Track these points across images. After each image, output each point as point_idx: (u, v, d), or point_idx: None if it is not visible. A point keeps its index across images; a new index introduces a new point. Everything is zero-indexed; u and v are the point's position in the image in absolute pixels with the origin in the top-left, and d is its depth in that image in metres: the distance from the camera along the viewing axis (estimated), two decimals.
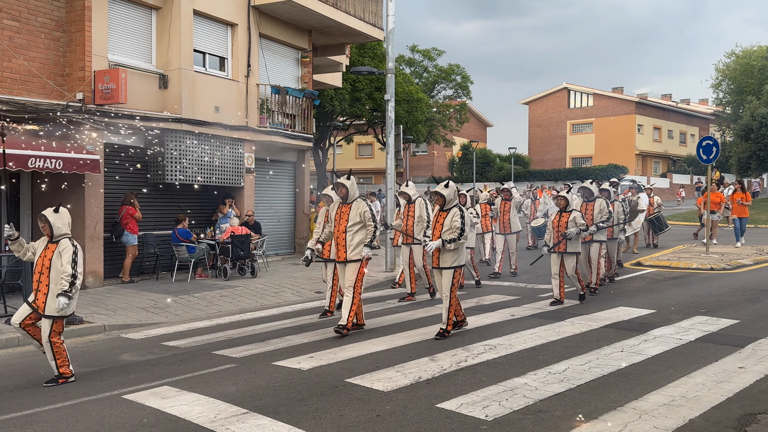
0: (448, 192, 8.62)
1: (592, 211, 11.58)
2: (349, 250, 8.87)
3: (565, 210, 10.68)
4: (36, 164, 11.11)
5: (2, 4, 12.01)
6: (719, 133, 51.71)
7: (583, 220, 10.57)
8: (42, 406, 6.05)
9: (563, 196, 10.79)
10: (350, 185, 9.03)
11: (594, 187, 12.14)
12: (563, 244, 10.48)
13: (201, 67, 15.51)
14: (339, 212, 9.02)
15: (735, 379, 6.34)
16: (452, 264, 8.43)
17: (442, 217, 8.57)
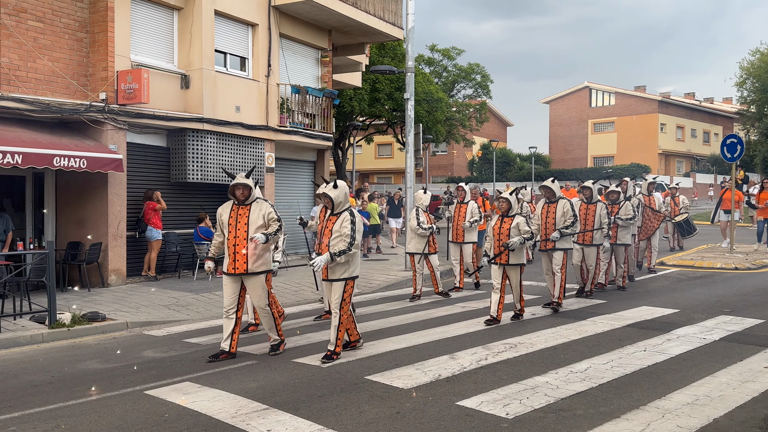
0: (336, 194, 7.31)
1: (592, 215, 10.86)
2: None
3: (508, 215, 9.19)
4: (60, 163, 11.26)
5: (26, 6, 12.20)
6: (743, 131, 50.99)
7: (528, 227, 9.06)
8: (65, 401, 6.12)
9: (505, 198, 9.16)
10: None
11: (595, 186, 11.32)
12: (505, 254, 9.07)
13: (222, 67, 15.61)
14: None
15: (760, 379, 6.25)
16: (342, 275, 7.22)
17: (331, 222, 7.32)
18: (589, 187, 11.14)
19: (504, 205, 9.15)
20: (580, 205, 11.00)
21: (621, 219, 11.61)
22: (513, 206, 9.16)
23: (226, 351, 7.55)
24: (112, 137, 13.03)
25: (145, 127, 13.97)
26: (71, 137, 12.47)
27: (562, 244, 10.10)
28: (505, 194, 9.24)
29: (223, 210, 7.67)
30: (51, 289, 9.33)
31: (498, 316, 9.13)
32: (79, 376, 7.10)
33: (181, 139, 14.58)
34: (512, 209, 9.17)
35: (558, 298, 10.03)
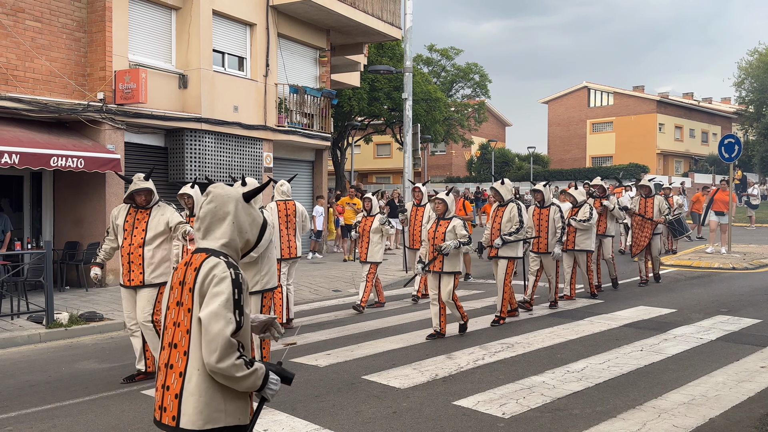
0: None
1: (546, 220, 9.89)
2: None
3: (444, 217, 8.36)
4: (58, 163, 11.25)
5: (24, 5, 12.19)
6: (742, 131, 51.06)
7: (465, 231, 8.23)
8: (62, 401, 6.12)
9: (441, 199, 8.35)
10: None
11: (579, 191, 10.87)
12: (439, 261, 8.20)
13: (220, 66, 15.61)
14: None
15: (757, 379, 6.26)
16: (252, 288, 6.19)
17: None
18: (540, 191, 10.02)
19: (440, 206, 8.33)
20: (533, 209, 10.09)
21: (575, 220, 10.55)
22: (450, 208, 8.33)
23: (143, 372, 6.74)
24: (110, 137, 13.03)
25: (143, 127, 13.96)
26: (69, 137, 12.46)
27: (506, 252, 9.06)
28: (441, 195, 8.45)
29: (119, 213, 6.84)
30: (48, 289, 9.33)
31: (442, 330, 8.32)
32: (76, 375, 7.10)
33: (179, 138, 14.58)
34: (449, 211, 8.34)
35: (501, 312, 9.10)
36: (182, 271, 2.83)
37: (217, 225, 2.86)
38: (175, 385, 2.73)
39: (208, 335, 2.62)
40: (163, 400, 2.77)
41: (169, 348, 2.79)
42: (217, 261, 2.75)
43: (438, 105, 30.29)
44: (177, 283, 2.83)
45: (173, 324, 2.80)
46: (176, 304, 2.81)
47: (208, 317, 2.64)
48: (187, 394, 2.70)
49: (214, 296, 2.67)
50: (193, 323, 2.73)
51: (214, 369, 2.63)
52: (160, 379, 2.81)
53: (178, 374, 2.73)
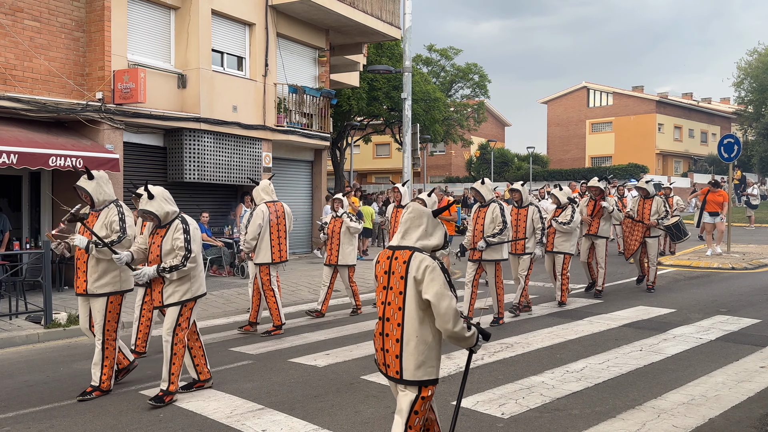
0: (151, 202, 6.00)
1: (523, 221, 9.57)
2: None
3: None
4: (56, 163, 11.23)
5: (23, 5, 12.17)
6: (741, 132, 51.07)
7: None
8: (60, 401, 6.10)
9: (421, 199, 8.20)
10: None
11: (561, 193, 10.61)
12: None
13: (219, 66, 15.60)
14: None
15: (756, 379, 6.25)
16: (180, 298, 5.99)
17: (159, 236, 6.00)
18: (518, 190, 9.68)
19: None
20: (511, 209, 9.78)
21: (556, 221, 10.29)
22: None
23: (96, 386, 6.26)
24: (109, 137, 13.01)
25: (141, 127, 13.95)
26: (68, 137, 12.45)
27: (491, 255, 8.82)
28: (422, 195, 8.06)
29: None
30: (47, 289, 9.31)
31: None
32: (74, 376, 7.09)
33: (177, 138, 14.56)
34: None
35: (499, 313, 9.04)
36: (386, 263, 3.73)
37: (414, 230, 3.77)
38: (393, 349, 3.64)
39: (440, 310, 3.51)
40: (385, 359, 3.70)
41: (382, 321, 3.70)
42: (423, 256, 3.64)
43: (437, 105, 30.27)
44: (382, 272, 3.75)
45: (382, 303, 3.71)
46: (383, 288, 3.71)
47: (436, 297, 3.50)
48: (406, 354, 3.59)
49: (432, 281, 3.52)
50: (406, 302, 3.60)
51: (451, 334, 3.54)
52: (378, 343, 3.74)
53: (395, 340, 3.63)
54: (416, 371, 3.59)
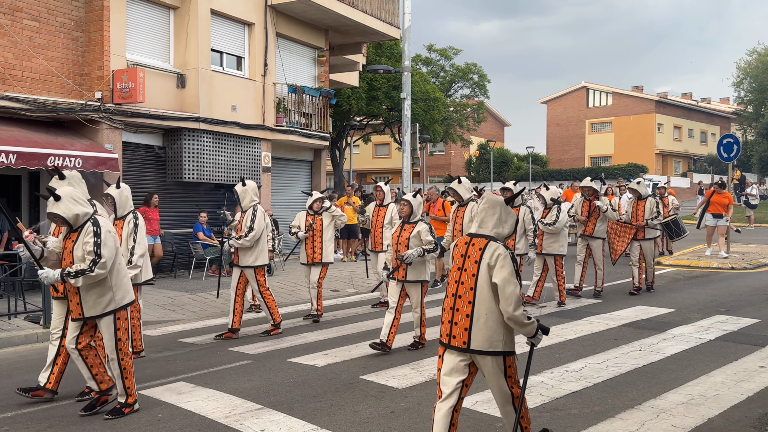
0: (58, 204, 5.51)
1: None
2: None
3: (409, 221, 7.69)
4: (55, 162, 11.22)
5: (22, 5, 12.16)
6: (741, 131, 51.10)
7: (431, 236, 7.53)
8: (59, 401, 6.09)
9: (406, 200, 7.68)
10: None
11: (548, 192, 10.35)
12: (403, 269, 7.56)
13: (218, 66, 15.59)
14: None
15: (755, 378, 6.25)
16: (104, 310, 5.56)
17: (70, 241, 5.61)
18: (510, 189, 9.67)
19: (405, 209, 7.64)
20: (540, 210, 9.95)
21: (542, 223, 10.09)
22: (415, 211, 7.67)
23: (42, 387, 6.07)
24: (108, 136, 13.00)
25: (141, 127, 13.94)
26: (67, 136, 12.44)
27: None
28: (407, 196, 7.75)
29: None
30: (46, 288, 9.29)
31: (389, 342, 7.52)
32: (73, 376, 7.06)
33: (177, 138, 14.55)
34: (414, 214, 7.67)
35: None
36: (464, 247, 4.21)
37: (490, 219, 4.21)
38: (463, 322, 4.09)
39: (506, 294, 3.96)
40: (452, 331, 4.13)
41: (454, 297, 4.17)
42: (497, 245, 4.11)
43: (437, 105, 30.27)
44: (459, 255, 4.22)
45: (456, 282, 4.18)
46: (457, 269, 4.19)
47: (503, 282, 3.97)
48: (476, 329, 4.04)
49: (502, 268, 4.00)
50: (478, 284, 4.07)
51: (510, 316, 3.96)
52: (447, 317, 4.18)
53: (465, 315, 4.09)
54: (483, 342, 4.03)
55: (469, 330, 4.06)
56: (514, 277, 4.00)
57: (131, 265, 7.17)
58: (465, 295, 4.11)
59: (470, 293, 4.09)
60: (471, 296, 4.09)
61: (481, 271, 4.07)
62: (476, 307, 4.06)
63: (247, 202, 8.84)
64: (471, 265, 4.12)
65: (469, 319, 4.07)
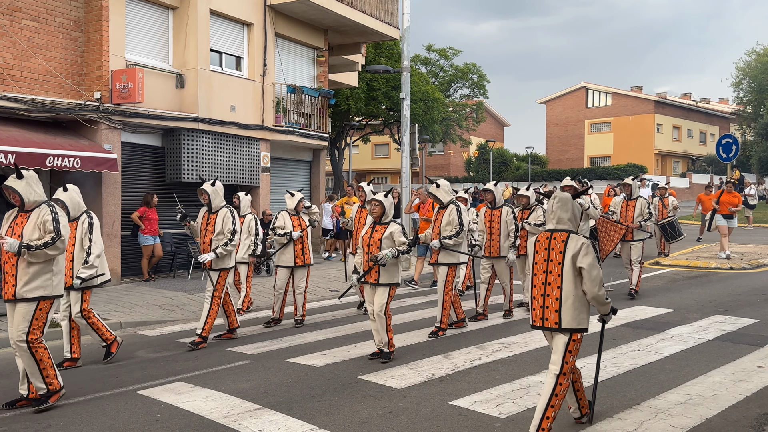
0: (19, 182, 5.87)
1: (497, 222, 9.27)
2: None
3: (381, 221, 7.33)
4: (54, 163, 11.22)
5: (21, 5, 12.16)
6: (740, 132, 51.12)
7: (404, 237, 7.22)
8: (57, 401, 6.09)
9: (378, 200, 7.32)
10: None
11: (531, 192, 10.10)
12: (375, 271, 7.20)
13: (217, 66, 15.59)
14: None
15: (754, 378, 6.25)
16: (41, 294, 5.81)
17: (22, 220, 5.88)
18: (491, 190, 9.40)
19: (376, 209, 7.29)
20: (485, 211, 9.49)
21: (530, 224, 9.72)
22: (387, 211, 7.32)
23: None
24: (107, 137, 13.00)
25: (140, 127, 13.93)
26: (65, 137, 12.43)
27: (446, 258, 8.42)
28: (378, 195, 7.39)
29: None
30: None
31: (378, 351, 7.32)
32: (71, 375, 7.07)
33: (176, 138, 14.55)
34: (386, 215, 7.32)
35: (441, 323, 8.49)
36: (546, 242, 4.85)
37: (564, 215, 4.85)
38: (553, 306, 4.75)
39: (591, 276, 4.65)
40: (544, 313, 4.79)
41: (543, 285, 4.81)
42: (578, 236, 4.78)
43: (436, 105, 30.28)
44: (542, 248, 4.85)
45: (544, 272, 4.82)
46: (543, 260, 4.83)
47: (589, 267, 4.65)
48: (564, 309, 4.71)
49: (586, 255, 4.67)
50: (564, 271, 4.71)
51: (594, 295, 4.67)
52: (538, 303, 4.83)
53: (555, 299, 4.74)
54: (571, 321, 4.69)
55: (559, 311, 4.73)
56: (597, 262, 4.68)
57: (87, 264, 7.02)
58: (554, 282, 4.77)
59: (558, 279, 4.74)
60: (559, 282, 4.73)
61: (566, 260, 4.71)
62: (564, 291, 4.71)
63: (218, 203, 8.42)
64: (556, 255, 4.77)
65: (558, 302, 4.73)
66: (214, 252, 8.14)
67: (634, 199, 11.14)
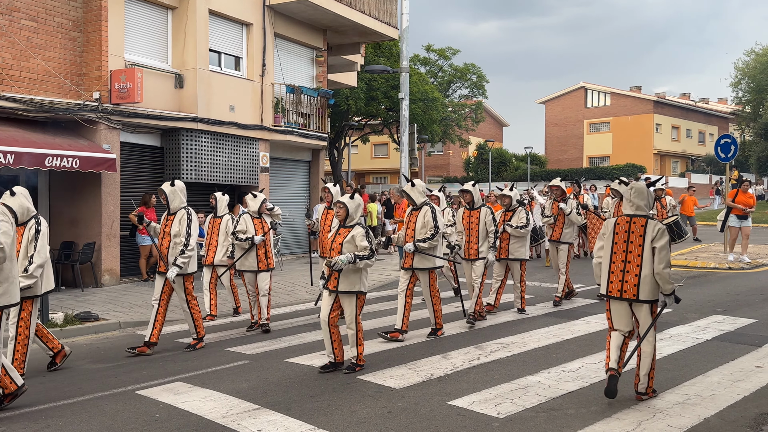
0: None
1: (476, 223, 8.96)
2: None
3: (345, 225, 6.85)
4: (53, 163, 11.22)
5: (20, 5, 12.16)
6: (739, 132, 51.12)
7: (367, 242, 6.64)
8: (56, 401, 6.10)
9: (342, 202, 6.87)
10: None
11: (513, 193, 9.83)
12: (335, 277, 6.70)
13: (216, 66, 15.59)
14: None
15: (752, 378, 6.26)
16: None
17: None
18: (469, 191, 9.02)
19: (341, 211, 6.81)
20: (463, 212, 9.17)
21: (511, 226, 9.53)
22: (351, 213, 6.82)
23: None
24: (106, 137, 13.00)
25: (138, 127, 13.94)
26: (64, 137, 12.44)
27: (423, 263, 8.11)
28: (344, 198, 6.90)
29: None
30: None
31: (338, 359, 6.87)
32: (70, 375, 7.08)
33: (175, 138, 14.55)
34: (350, 217, 6.83)
35: (436, 324, 8.39)
36: (626, 225, 5.68)
37: (641, 202, 5.68)
38: (632, 281, 5.62)
39: (661, 256, 5.53)
40: (623, 286, 5.65)
41: (623, 263, 5.66)
42: (655, 222, 5.65)
43: (435, 105, 30.27)
44: (623, 231, 5.69)
45: (623, 251, 5.67)
46: (623, 241, 5.68)
47: (661, 248, 5.54)
48: (643, 284, 5.57)
49: (662, 238, 5.56)
50: (644, 251, 5.58)
51: (661, 272, 5.53)
52: (618, 277, 5.68)
53: (634, 275, 5.61)
54: (649, 294, 5.58)
55: (638, 285, 5.58)
56: (669, 244, 5.56)
57: (27, 274, 6.48)
58: (633, 261, 5.61)
59: (638, 259, 5.58)
60: (639, 261, 5.58)
61: (645, 242, 5.56)
62: (643, 268, 5.55)
63: (177, 204, 8.03)
64: (636, 238, 5.62)
65: (637, 278, 5.58)
66: (177, 266, 7.78)
67: None
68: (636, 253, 5.58)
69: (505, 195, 9.80)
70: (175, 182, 8.19)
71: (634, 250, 5.59)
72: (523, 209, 9.74)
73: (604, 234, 5.84)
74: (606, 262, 5.74)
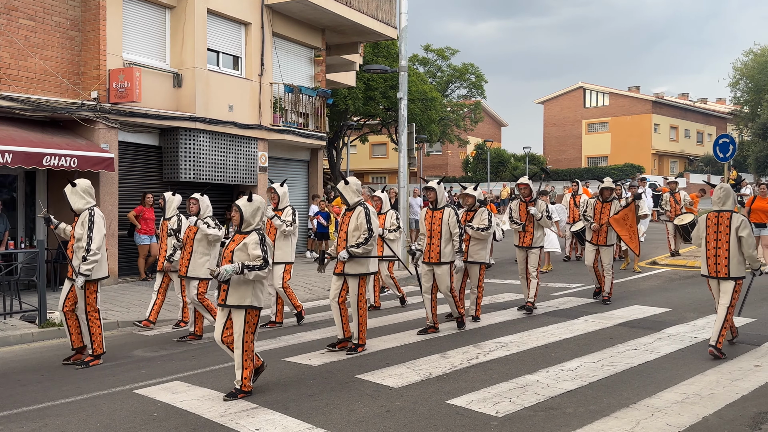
0: None
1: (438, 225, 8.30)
2: None
3: (241, 231, 6.17)
4: (51, 162, 11.20)
5: (18, 4, 12.14)
6: (737, 132, 51.19)
7: (260, 251, 5.90)
8: (54, 400, 6.09)
9: (238, 205, 6.15)
10: None
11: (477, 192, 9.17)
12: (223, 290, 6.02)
13: (215, 65, 15.58)
14: None
15: (750, 377, 6.26)
16: None
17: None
18: (433, 188, 8.31)
19: (235, 216, 6.09)
20: (425, 212, 8.55)
21: (472, 227, 8.91)
22: (247, 218, 6.05)
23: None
24: (104, 136, 12.98)
25: (137, 126, 13.92)
26: (63, 136, 12.42)
27: (354, 268, 7.38)
28: (240, 201, 6.13)
29: None
30: (41, 288, 9.29)
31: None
32: (68, 375, 7.07)
33: (173, 138, 14.54)
34: (246, 222, 6.06)
35: (359, 339, 7.54)
36: (715, 219, 7.20)
37: (728, 199, 7.21)
38: (723, 263, 7.12)
39: (748, 242, 7.06)
40: (717, 269, 7.17)
41: (715, 249, 7.17)
42: (738, 214, 7.12)
43: (434, 105, 30.24)
44: (713, 224, 7.20)
45: (714, 240, 7.17)
46: (714, 232, 7.17)
47: (747, 236, 7.04)
48: (732, 265, 7.08)
49: (745, 228, 7.03)
50: (731, 239, 7.05)
51: (750, 255, 7.08)
52: (712, 261, 7.21)
53: (724, 258, 7.09)
54: (735, 272, 7.08)
55: (728, 266, 7.07)
56: (752, 232, 7.05)
57: None
58: (722, 247, 7.09)
59: (727, 245, 7.08)
60: (728, 247, 7.08)
61: (732, 231, 7.04)
62: (731, 253, 7.06)
63: (80, 205, 7.33)
64: (724, 228, 7.10)
65: (727, 260, 7.07)
66: (82, 275, 7.13)
67: (609, 202, 10.53)
68: (724, 241, 7.06)
69: (468, 194, 9.15)
70: (77, 181, 7.39)
71: (722, 239, 7.07)
72: (486, 210, 9.14)
73: (698, 228, 7.36)
74: (703, 249, 7.27)
